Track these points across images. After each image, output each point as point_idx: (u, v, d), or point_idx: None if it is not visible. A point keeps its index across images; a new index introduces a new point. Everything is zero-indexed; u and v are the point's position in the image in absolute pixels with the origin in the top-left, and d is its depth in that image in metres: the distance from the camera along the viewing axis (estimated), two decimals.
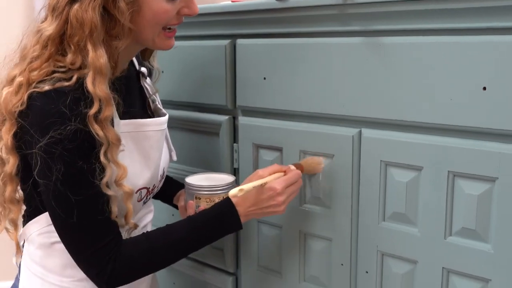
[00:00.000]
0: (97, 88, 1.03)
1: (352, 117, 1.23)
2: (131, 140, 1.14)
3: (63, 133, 0.99)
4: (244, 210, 1.17)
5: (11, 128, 1.04)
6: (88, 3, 1.02)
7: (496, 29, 1.02)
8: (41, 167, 1.02)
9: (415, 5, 1.09)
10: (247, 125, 1.42)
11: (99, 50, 1.04)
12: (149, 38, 1.13)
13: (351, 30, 1.21)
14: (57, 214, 1.04)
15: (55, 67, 1.04)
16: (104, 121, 1.03)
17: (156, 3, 1.08)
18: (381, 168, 1.19)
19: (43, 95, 1.00)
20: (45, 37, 1.04)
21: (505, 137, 1.04)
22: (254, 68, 1.38)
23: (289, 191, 1.19)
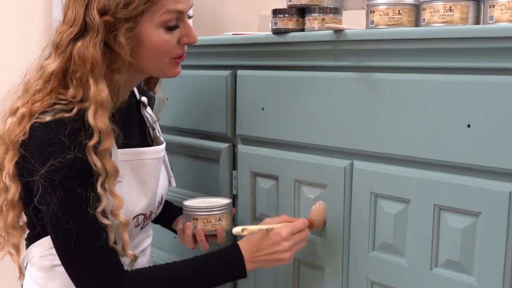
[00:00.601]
0: (98, 121, 1.08)
1: (345, 149, 1.27)
2: (129, 167, 1.19)
3: (62, 162, 1.04)
4: (250, 256, 1.20)
5: (14, 157, 1.09)
6: (89, 40, 1.08)
7: (480, 69, 1.06)
8: (41, 193, 1.07)
9: (404, 44, 1.14)
10: (245, 153, 1.47)
11: (100, 84, 1.09)
12: (157, 68, 1.18)
13: (344, 65, 1.25)
14: (56, 239, 1.10)
15: (56, 99, 1.09)
16: (103, 152, 1.08)
17: (155, 35, 1.13)
18: (371, 199, 1.23)
19: (44, 125, 1.06)
20: (48, 73, 1.10)
21: (488, 173, 1.07)
22: (253, 98, 1.43)
23: (295, 238, 1.22)
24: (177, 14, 1.13)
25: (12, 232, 1.17)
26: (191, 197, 1.57)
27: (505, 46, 1.01)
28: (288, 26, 1.33)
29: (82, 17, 1.09)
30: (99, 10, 1.08)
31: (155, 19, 1.12)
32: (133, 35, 1.11)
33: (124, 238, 1.14)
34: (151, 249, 1.43)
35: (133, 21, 1.10)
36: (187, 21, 1.18)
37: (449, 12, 1.10)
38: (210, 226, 1.30)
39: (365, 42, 1.20)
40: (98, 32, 1.08)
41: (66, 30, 1.10)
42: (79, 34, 1.09)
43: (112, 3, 1.08)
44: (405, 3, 1.17)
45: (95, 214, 1.07)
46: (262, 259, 1.20)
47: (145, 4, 1.09)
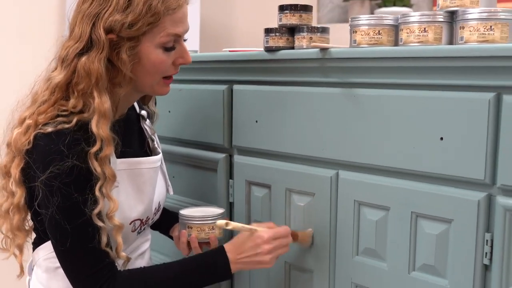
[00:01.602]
0: (100, 130, 1.17)
1: (331, 159, 1.35)
2: (126, 176, 1.28)
3: (61, 169, 1.13)
4: (234, 257, 1.28)
5: (20, 163, 1.19)
6: (94, 56, 1.18)
7: (452, 86, 1.14)
8: (41, 198, 1.16)
9: (383, 62, 1.22)
10: (241, 163, 1.56)
11: (103, 96, 1.19)
12: (149, 85, 1.28)
13: (330, 81, 1.34)
14: (54, 241, 1.19)
15: (59, 111, 1.19)
16: (103, 158, 1.18)
17: (154, 54, 1.23)
18: (355, 207, 1.31)
19: (46, 136, 1.15)
20: (54, 84, 1.20)
21: (459, 183, 1.15)
22: (248, 111, 1.52)
23: (276, 242, 1.30)
24: (175, 36, 1.24)
25: (17, 233, 1.26)
26: (191, 204, 1.66)
27: (473, 65, 1.09)
28: (279, 44, 1.42)
29: (88, 34, 1.19)
30: (105, 28, 1.18)
31: (156, 40, 1.22)
32: (134, 53, 1.21)
33: (117, 241, 1.22)
34: (151, 252, 1.51)
35: (136, 40, 1.20)
36: (182, 44, 1.28)
37: (423, 33, 1.18)
38: (204, 234, 1.39)
39: (348, 60, 1.28)
40: (103, 49, 1.18)
41: (72, 45, 1.20)
42: (85, 50, 1.19)
43: (118, 23, 1.18)
44: (384, 24, 1.25)
45: (91, 216, 1.16)
46: (245, 260, 1.28)
47: (147, 26, 1.19)
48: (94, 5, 1.19)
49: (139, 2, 1.17)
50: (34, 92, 1.26)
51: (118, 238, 1.22)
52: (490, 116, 1.09)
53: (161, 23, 1.21)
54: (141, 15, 1.18)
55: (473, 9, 1.13)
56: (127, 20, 1.17)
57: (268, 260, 1.29)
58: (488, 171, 1.10)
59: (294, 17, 1.41)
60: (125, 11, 1.17)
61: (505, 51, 1.05)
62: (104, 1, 1.18)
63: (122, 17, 1.17)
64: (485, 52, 1.07)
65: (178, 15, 1.23)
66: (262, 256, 1.28)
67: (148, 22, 1.19)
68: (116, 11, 1.17)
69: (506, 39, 1.11)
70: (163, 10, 1.20)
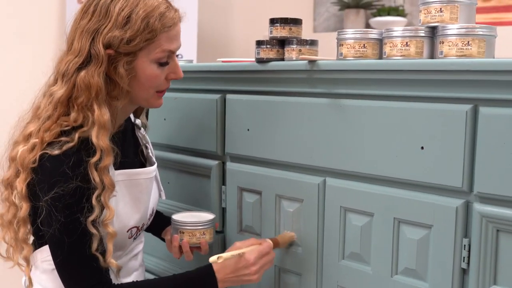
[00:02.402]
0: (100, 140, 1.22)
1: (318, 167, 1.41)
2: (124, 186, 1.34)
3: (65, 190, 1.19)
4: (223, 277, 1.34)
5: (26, 178, 1.24)
6: (94, 70, 1.23)
7: (431, 98, 1.20)
8: (44, 216, 1.22)
9: (368, 74, 1.28)
10: (233, 170, 1.61)
11: (103, 109, 1.24)
12: (144, 98, 1.34)
13: (317, 92, 1.39)
14: (53, 254, 1.24)
15: (61, 126, 1.23)
16: (103, 168, 1.23)
17: (149, 69, 1.29)
18: (341, 213, 1.37)
19: (53, 158, 1.20)
20: (56, 99, 1.25)
21: (438, 190, 1.20)
22: (240, 120, 1.58)
23: (261, 262, 1.37)
24: (169, 52, 1.30)
25: (23, 245, 1.31)
26: (185, 209, 1.71)
27: (452, 79, 1.15)
28: (269, 56, 1.47)
29: (88, 49, 1.24)
30: (104, 44, 1.23)
31: (151, 55, 1.28)
32: (131, 68, 1.27)
33: (108, 248, 1.26)
34: (143, 255, 1.57)
35: (132, 55, 1.26)
36: (175, 59, 1.34)
37: (405, 47, 1.24)
38: (195, 239, 1.44)
39: (334, 72, 1.34)
40: (102, 63, 1.24)
41: (72, 59, 1.25)
42: (84, 64, 1.24)
43: (116, 39, 1.23)
44: (369, 37, 1.31)
45: (85, 223, 1.21)
46: (233, 279, 1.35)
47: (144, 42, 1.25)
48: (93, 21, 1.24)
49: (137, 19, 1.23)
50: (36, 107, 1.30)
51: (109, 245, 1.26)
52: (467, 126, 1.14)
53: (157, 39, 1.27)
54: (139, 32, 1.24)
55: (452, 25, 1.19)
56: (126, 36, 1.23)
57: (255, 278, 1.36)
58: (466, 179, 1.16)
59: (284, 30, 1.47)
60: (124, 27, 1.23)
61: (482, 66, 1.11)
62: (103, 18, 1.24)
63: (121, 33, 1.23)
64: (462, 66, 1.13)
65: (173, 32, 1.30)
66: (250, 276, 1.35)
67: (146, 39, 1.25)
68: (115, 27, 1.23)
69: (483, 53, 1.17)
70: (160, 28, 1.26)
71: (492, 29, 1.18)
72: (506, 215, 1.11)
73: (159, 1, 1.28)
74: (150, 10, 1.25)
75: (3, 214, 1.30)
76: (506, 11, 2.94)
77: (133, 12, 1.24)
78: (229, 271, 1.34)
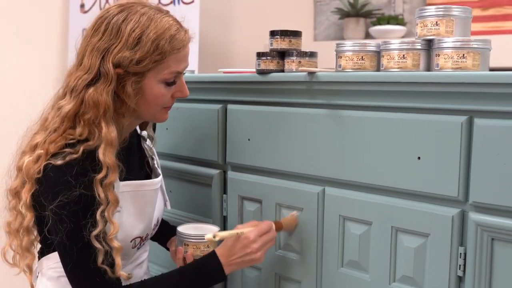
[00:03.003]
0: (107, 157, 1.25)
1: (318, 176, 1.44)
2: (129, 197, 1.36)
3: (69, 198, 1.21)
4: (227, 260, 1.36)
5: (31, 189, 1.26)
6: (103, 88, 1.25)
7: (428, 109, 1.23)
8: (51, 225, 1.25)
9: (366, 86, 1.31)
10: (234, 179, 1.64)
11: (111, 126, 1.27)
12: (151, 114, 1.37)
13: (317, 102, 1.42)
14: (62, 261, 1.27)
15: (67, 140, 1.26)
16: (108, 185, 1.25)
17: (157, 89, 1.31)
18: (340, 222, 1.39)
19: (56, 168, 1.23)
20: (63, 113, 1.27)
21: (435, 200, 1.23)
22: (241, 130, 1.60)
23: (262, 239, 1.38)
24: (177, 73, 1.33)
25: (26, 254, 1.34)
26: (187, 217, 1.74)
27: (447, 91, 1.18)
28: (269, 67, 1.50)
29: (97, 67, 1.26)
30: (114, 63, 1.26)
31: (159, 76, 1.30)
32: (139, 87, 1.29)
33: (116, 262, 1.27)
34: (148, 263, 1.59)
35: (141, 75, 1.29)
36: (182, 79, 1.37)
37: (403, 59, 1.27)
38: (199, 252, 1.46)
39: (333, 83, 1.37)
40: (111, 82, 1.26)
41: (81, 76, 1.27)
42: (93, 81, 1.27)
43: (126, 59, 1.26)
44: (367, 50, 1.34)
45: (89, 238, 1.23)
46: (237, 261, 1.36)
47: (153, 63, 1.28)
48: (104, 39, 1.26)
49: (147, 41, 1.26)
50: (44, 118, 1.33)
51: (117, 259, 1.28)
52: (462, 137, 1.17)
53: (166, 61, 1.29)
54: (149, 53, 1.26)
55: (448, 38, 1.22)
56: (135, 57, 1.25)
57: (258, 257, 1.37)
58: (461, 188, 1.19)
59: (284, 42, 1.50)
60: (134, 48, 1.25)
61: (476, 78, 1.14)
62: (114, 37, 1.26)
63: (131, 54, 1.25)
64: (458, 79, 1.16)
65: (182, 54, 1.32)
66: (252, 254, 1.36)
67: (155, 60, 1.27)
68: (125, 48, 1.25)
69: (478, 66, 1.20)
70: (169, 50, 1.28)
71: (487, 42, 1.21)
72: (501, 224, 1.14)
73: (170, 23, 1.30)
74: (161, 33, 1.27)
75: (10, 222, 1.33)
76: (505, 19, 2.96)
77: (143, 34, 1.26)
78: (231, 254, 1.35)
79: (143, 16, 1.27)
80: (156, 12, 1.30)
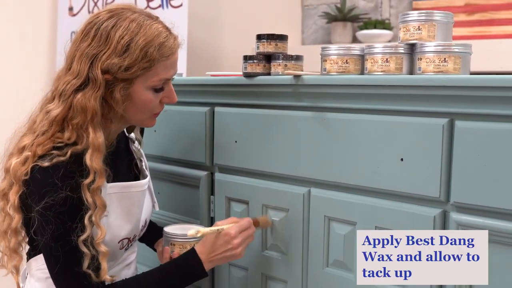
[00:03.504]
0: (94, 162, 1.26)
1: (304, 177, 1.46)
2: (116, 199, 1.38)
3: (55, 200, 1.23)
4: (207, 257, 1.38)
5: (18, 190, 1.27)
6: (91, 94, 1.27)
7: (410, 112, 1.25)
8: (37, 226, 1.26)
9: (350, 89, 1.33)
10: (221, 181, 1.66)
11: (98, 132, 1.28)
12: (139, 120, 1.39)
13: (302, 105, 1.45)
14: (47, 263, 1.28)
15: (54, 143, 1.27)
16: (95, 190, 1.27)
17: (145, 95, 1.33)
18: (325, 222, 1.42)
19: (43, 170, 1.24)
20: (52, 117, 1.28)
21: (417, 200, 1.26)
22: (228, 132, 1.63)
23: (243, 235, 1.40)
24: (165, 80, 1.35)
25: (14, 255, 1.35)
26: (174, 218, 1.76)
27: (429, 94, 1.21)
28: (256, 70, 1.53)
29: (86, 72, 1.27)
30: (102, 69, 1.27)
31: (147, 82, 1.32)
32: (127, 93, 1.31)
33: (102, 266, 1.28)
34: (137, 264, 1.61)
35: (129, 82, 1.30)
36: (170, 85, 1.39)
37: (386, 63, 1.30)
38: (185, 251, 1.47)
39: (318, 86, 1.39)
40: (100, 88, 1.27)
41: (70, 80, 1.28)
42: (81, 86, 1.28)
43: (115, 66, 1.27)
44: (352, 54, 1.37)
45: (77, 242, 1.24)
46: (218, 257, 1.38)
47: (141, 70, 1.29)
48: (93, 45, 1.27)
49: (136, 48, 1.27)
50: (32, 121, 1.34)
51: (103, 263, 1.29)
52: (444, 139, 1.20)
53: (155, 68, 1.31)
54: (137, 60, 1.27)
55: (430, 43, 1.25)
56: (124, 64, 1.26)
57: (239, 252, 1.39)
58: (443, 189, 1.21)
59: (270, 46, 1.52)
60: (123, 55, 1.27)
61: (457, 82, 1.17)
62: (103, 43, 1.27)
63: (120, 61, 1.26)
64: (439, 82, 1.19)
65: (171, 61, 1.34)
66: (233, 250, 1.38)
67: (143, 67, 1.29)
68: (114, 54, 1.26)
69: (459, 70, 1.23)
70: (158, 57, 1.30)
71: (467, 47, 1.24)
72: (481, 224, 1.17)
73: (159, 30, 1.31)
74: (150, 40, 1.28)
75: None
76: (489, 24, 3.01)
77: (132, 41, 1.27)
78: (212, 250, 1.37)
79: (132, 23, 1.28)
80: (145, 19, 1.31)
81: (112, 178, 1.34)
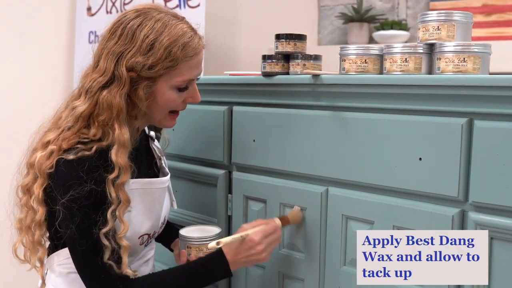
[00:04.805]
0: (119, 158, 1.28)
1: (322, 176, 1.47)
2: (138, 195, 1.39)
3: (80, 193, 1.25)
4: (232, 258, 1.39)
5: (43, 184, 1.29)
6: (116, 91, 1.29)
7: (429, 111, 1.26)
8: (62, 219, 1.27)
9: (369, 88, 1.34)
10: (239, 179, 1.67)
11: (123, 128, 1.30)
12: (157, 119, 1.40)
13: (321, 104, 1.46)
14: (72, 255, 1.30)
15: (80, 138, 1.29)
16: (120, 185, 1.29)
17: (168, 94, 1.35)
18: (343, 221, 1.42)
19: (68, 162, 1.26)
20: (78, 113, 1.31)
21: (436, 199, 1.26)
22: (246, 131, 1.64)
23: (267, 240, 1.41)
24: (188, 80, 1.36)
25: (38, 248, 1.37)
26: (192, 217, 1.77)
27: (448, 93, 1.21)
28: (275, 70, 1.54)
29: (112, 70, 1.30)
30: (127, 67, 1.29)
31: (171, 82, 1.34)
32: (150, 91, 1.33)
33: (123, 260, 1.30)
34: (154, 262, 1.63)
35: (153, 80, 1.32)
36: (194, 85, 1.40)
37: (405, 63, 1.30)
38: (202, 254, 1.47)
39: (337, 86, 1.40)
40: (124, 85, 1.29)
41: (97, 78, 1.31)
42: (107, 84, 1.30)
43: (139, 64, 1.29)
44: (370, 53, 1.37)
45: (98, 234, 1.26)
46: (243, 261, 1.39)
47: (165, 69, 1.31)
48: (119, 44, 1.30)
49: (160, 47, 1.29)
50: (57, 117, 1.37)
51: (124, 257, 1.31)
52: (463, 139, 1.21)
53: (178, 68, 1.32)
54: (161, 59, 1.29)
55: (449, 43, 1.25)
56: (148, 62, 1.29)
57: (263, 257, 1.40)
58: (461, 189, 1.22)
59: (289, 45, 1.53)
60: (147, 54, 1.29)
61: (476, 81, 1.17)
62: (129, 42, 1.29)
63: (144, 59, 1.28)
64: (458, 82, 1.19)
65: (194, 61, 1.35)
66: (257, 256, 1.39)
67: (167, 66, 1.31)
68: (138, 53, 1.29)
69: (478, 70, 1.23)
70: (182, 57, 1.31)
71: (487, 47, 1.24)
72: (500, 223, 1.17)
73: (184, 30, 1.33)
74: (174, 40, 1.30)
75: (22, 219, 1.36)
76: (507, 25, 2.99)
77: (157, 40, 1.29)
78: (237, 253, 1.38)
79: (157, 22, 1.30)
80: (171, 19, 1.33)
81: (136, 174, 1.36)
